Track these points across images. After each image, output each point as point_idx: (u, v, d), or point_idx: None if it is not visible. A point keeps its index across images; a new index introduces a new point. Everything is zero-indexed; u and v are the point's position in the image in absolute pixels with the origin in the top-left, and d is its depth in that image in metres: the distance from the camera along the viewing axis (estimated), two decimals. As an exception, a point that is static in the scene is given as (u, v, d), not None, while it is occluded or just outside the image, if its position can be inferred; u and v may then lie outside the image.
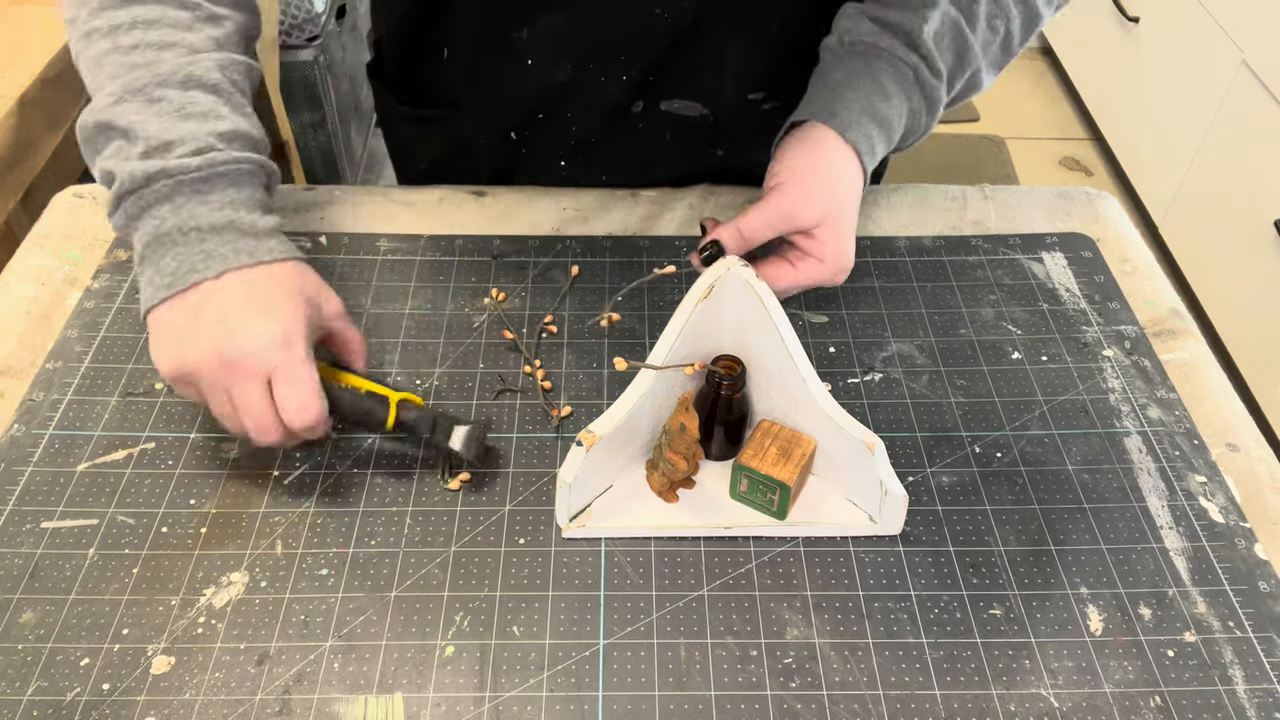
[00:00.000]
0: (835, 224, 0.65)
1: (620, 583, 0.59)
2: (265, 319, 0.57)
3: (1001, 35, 0.73)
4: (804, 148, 0.67)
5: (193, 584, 0.58)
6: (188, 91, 0.61)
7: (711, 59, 0.77)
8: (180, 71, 0.61)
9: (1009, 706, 0.54)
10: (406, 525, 0.61)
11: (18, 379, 0.69)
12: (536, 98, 0.80)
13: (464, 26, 0.79)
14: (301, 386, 0.57)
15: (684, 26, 0.74)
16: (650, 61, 0.77)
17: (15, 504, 0.62)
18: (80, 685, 0.54)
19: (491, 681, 0.54)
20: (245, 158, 0.62)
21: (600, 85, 0.78)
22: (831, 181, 0.66)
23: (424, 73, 0.85)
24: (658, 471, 0.63)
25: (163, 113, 0.60)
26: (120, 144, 0.60)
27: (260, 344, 0.57)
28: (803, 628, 0.57)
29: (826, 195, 0.65)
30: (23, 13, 1.10)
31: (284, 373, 0.57)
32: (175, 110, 0.60)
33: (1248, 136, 1.83)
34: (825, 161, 0.66)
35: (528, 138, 0.83)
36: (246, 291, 0.58)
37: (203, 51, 0.63)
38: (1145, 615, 0.58)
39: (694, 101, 0.80)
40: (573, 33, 0.75)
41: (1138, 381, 0.71)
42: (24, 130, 1.00)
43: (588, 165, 0.85)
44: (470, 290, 0.76)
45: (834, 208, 0.65)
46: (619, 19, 0.74)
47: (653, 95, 0.80)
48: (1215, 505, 0.63)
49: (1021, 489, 0.64)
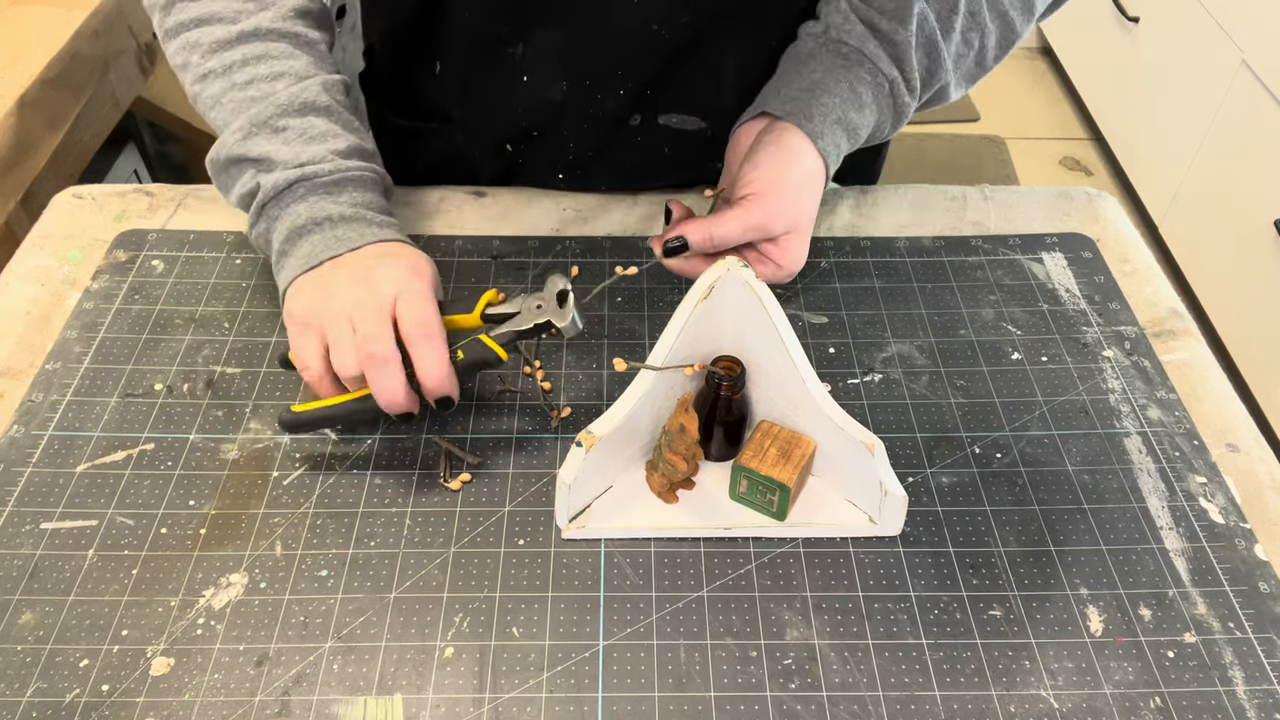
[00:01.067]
0: (799, 232, 0.69)
1: (620, 583, 0.59)
2: (396, 261, 0.63)
3: (975, 50, 0.74)
4: (779, 155, 0.68)
5: (192, 585, 0.58)
6: (305, 118, 0.67)
7: (710, 73, 0.77)
8: (295, 100, 0.67)
9: (1009, 707, 0.54)
10: (406, 526, 0.61)
11: (17, 380, 0.69)
12: (532, 113, 0.80)
13: (457, 40, 0.78)
14: (423, 305, 0.60)
15: (682, 42, 0.74)
16: (648, 77, 0.77)
17: (14, 505, 0.61)
18: (79, 686, 0.53)
19: (491, 683, 0.54)
20: (367, 167, 0.68)
21: (597, 101, 0.78)
22: (800, 191, 0.68)
23: (416, 85, 0.84)
24: (657, 472, 0.63)
25: (289, 140, 0.67)
26: (255, 170, 0.67)
27: (392, 273, 0.62)
28: (802, 628, 0.57)
29: (795, 206, 0.68)
30: (23, 13, 1.10)
31: (409, 295, 0.61)
32: (299, 136, 0.67)
33: (1248, 136, 1.83)
34: (796, 170, 0.68)
35: (524, 150, 0.83)
36: (379, 252, 0.64)
37: (308, 77, 0.69)
38: (1145, 616, 0.58)
39: (692, 115, 0.80)
40: (569, 49, 0.75)
41: (1138, 382, 0.71)
42: (24, 130, 1.00)
43: (586, 177, 0.84)
44: (470, 291, 0.76)
45: (801, 217, 0.69)
46: (616, 35, 0.74)
47: (650, 109, 0.79)
48: (1215, 506, 0.63)
49: (1021, 490, 0.64)
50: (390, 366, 0.59)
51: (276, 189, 0.65)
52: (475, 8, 0.75)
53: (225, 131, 0.67)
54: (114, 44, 1.16)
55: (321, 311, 0.61)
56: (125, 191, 0.84)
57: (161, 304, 0.74)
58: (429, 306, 0.61)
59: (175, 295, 0.75)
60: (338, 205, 0.65)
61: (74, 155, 1.09)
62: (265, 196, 0.66)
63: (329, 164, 0.66)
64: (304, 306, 0.62)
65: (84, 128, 1.10)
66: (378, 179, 0.70)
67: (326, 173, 0.66)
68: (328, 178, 0.66)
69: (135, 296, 0.75)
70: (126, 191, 0.84)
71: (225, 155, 0.67)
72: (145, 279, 0.76)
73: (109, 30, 1.14)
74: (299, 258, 0.64)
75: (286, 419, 0.62)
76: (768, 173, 0.68)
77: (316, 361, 0.61)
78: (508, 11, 0.74)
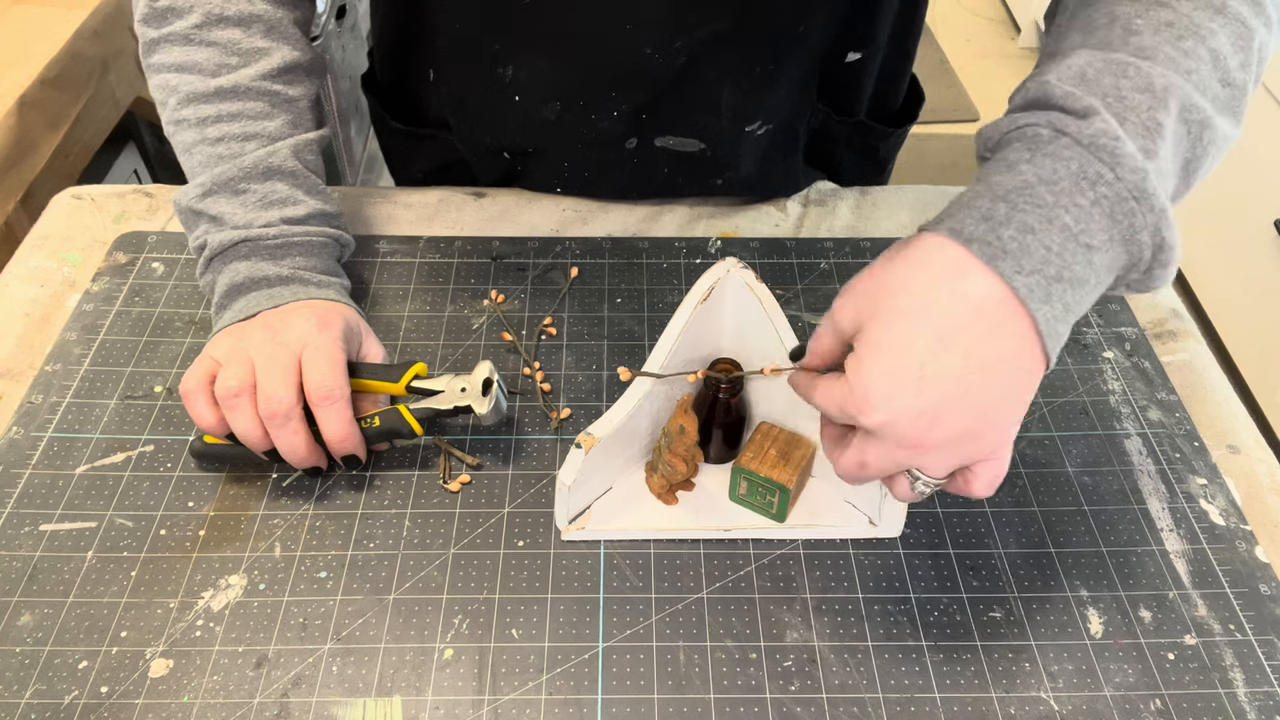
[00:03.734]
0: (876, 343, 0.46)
1: (619, 585, 0.59)
2: (309, 314, 0.64)
3: None
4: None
5: (191, 586, 0.58)
6: (268, 182, 0.68)
7: (707, 96, 0.76)
8: (261, 165, 0.68)
9: (1009, 709, 0.54)
10: (405, 527, 0.61)
11: (16, 381, 0.69)
12: (526, 130, 0.80)
13: (449, 53, 0.78)
14: (324, 364, 0.60)
15: (677, 67, 0.73)
16: (643, 100, 0.76)
17: (14, 506, 0.61)
18: (78, 688, 0.53)
19: (490, 684, 0.54)
20: (318, 232, 0.69)
21: (591, 122, 0.77)
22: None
23: (414, 92, 0.85)
24: (657, 474, 0.62)
25: (247, 203, 0.67)
26: (209, 225, 0.68)
27: (301, 327, 0.62)
28: (802, 630, 0.57)
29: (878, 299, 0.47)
30: (23, 13, 1.10)
31: (312, 351, 0.61)
32: (258, 200, 0.67)
33: (1248, 136, 1.82)
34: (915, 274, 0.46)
35: (522, 161, 0.83)
36: (295, 307, 0.65)
37: (280, 139, 0.69)
38: (1145, 618, 0.58)
39: (690, 138, 0.79)
40: (560, 73, 0.75)
41: (1138, 383, 0.71)
42: (24, 130, 1.00)
43: (585, 190, 0.84)
44: (470, 292, 0.76)
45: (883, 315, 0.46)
46: (608, 61, 0.74)
47: (647, 132, 0.79)
48: (1216, 507, 0.63)
49: (1021, 491, 0.64)
50: (291, 425, 0.59)
51: (222, 246, 0.66)
52: (465, 22, 0.75)
53: (190, 182, 0.68)
54: (114, 44, 1.16)
55: (236, 345, 0.62)
56: (125, 192, 0.84)
57: (161, 306, 0.74)
58: (329, 366, 0.60)
59: (175, 298, 0.75)
60: (278, 268, 0.66)
61: (74, 155, 1.09)
62: (212, 252, 0.67)
63: (275, 229, 0.67)
64: (219, 352, 0.62)
65: (84, 128, 1.10)
66: (328, 242, 0.70)
67: (271, 237, 0.66)
68: (272, 242, 0.66)
69: (135, 298, 0.75)
70: (126, 192, 0.84)
71: (185, 206, 0.68)
72: (145, 281, 0.76)
73: (109, 30, 1.14)
74: (234, 312, 0.65)
75: (196, 448, 0.63)
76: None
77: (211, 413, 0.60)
78: (498, 30, 0.74)
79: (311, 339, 0.62)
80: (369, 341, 0.67)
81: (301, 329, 0.62)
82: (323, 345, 0.61)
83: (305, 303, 0.65)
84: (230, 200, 0.67)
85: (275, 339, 0.61)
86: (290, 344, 0.61)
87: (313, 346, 0.61)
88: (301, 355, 0.61)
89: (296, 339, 0.61)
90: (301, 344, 0.61)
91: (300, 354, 0.61)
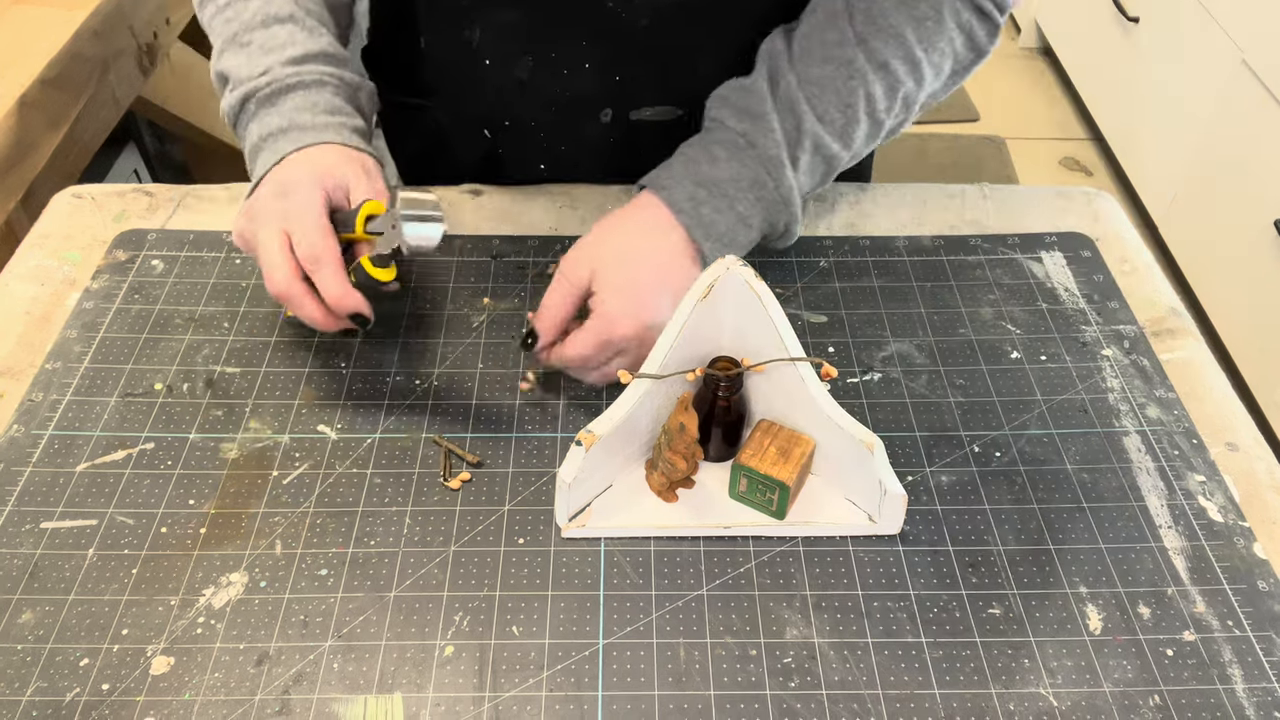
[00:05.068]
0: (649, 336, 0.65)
1: (620, 582, 0.59)
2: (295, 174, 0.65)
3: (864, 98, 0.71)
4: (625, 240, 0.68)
5: (192, 584, 0.58)
6: (268, 29, 0.70)
7: (683, 67, 0.77)
8: (259, 14, 0.71)
9: (1008, 706, 0.54)
10: (406, 525, 0.61)
11: (17, 379, 0.69)
12: (500, 97, 0.80)
13: (427, 18, 0.79)
14: (309, 231, 0.62)
15: (643, 26, 0.74)
16: (614, 53, 0.76)
17: (14, 504, 0.62)
18: (80, 685, 0.54)
19: (491, 681, 0.54)
20: (314, 70, 0.70)
21: (565, 79, 0.77)
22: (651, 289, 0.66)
23: (404, 61, 0.85)
24: (657, 471, 0.63)
25: (251, 54, 0.70)
26: (223, 87, 0.71)
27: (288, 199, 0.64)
28: (802, 627, 0.57)
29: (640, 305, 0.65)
30: (23, 13, 1.10)
31: (295, 220, 0.62)
32: (259, 48, 0.70)
33: (1248, 136, 1.83)
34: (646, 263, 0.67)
35: (502, 139, 0.83)
36: (278, 174, 0.66)
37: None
38: (1144, 614, 0.58)
39: (669, 104, 0.80)
40: (523, 28, 0.75)
41: (1137, 381, 0.71)
42: (24, 130, 1.00)
43: (570, 171, 0.84)
44: (469, 290, 0.76)
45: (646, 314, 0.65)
46: (572, 14, 0.74)
47: (622, 103, 0.79)
48: (1214, 504, 0.63)
49: (1020, 488, 0.64)
50: (297, 297, 0.62)
51: (232, 111, 0.69)
52: None
53: (213, 52, 0.72)
54: (114, 44, 1.16)
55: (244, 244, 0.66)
56: (125, 191, 0.84)
57: (161, 304, 0.74)
58: (306, 230, 0.62)
59: (175, 295, 0.75)
60: (279, 117, 0.68)
61: (74, 155, 1.09)
62: (231, 119, 0.70)
63: (267, 76, 0.68)
64: (235, 235, 0.67)
65: (84, 128, 1.10)
66: (328, 80, 0.70)
67: (265, 85, 0.68)
68: (266, 90, 0.68)
69: (135, 296, 0.75)
70: (126, 191, 0.84)
71: (211, 72, 0.72)
72: (145, 279, 0.76)
73: (109, 30, 1.15)
74: (254, 177, 0.68)
75: None
76: (612, 276, 0.66)
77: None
78: None
79: (293, 205, 0.63)
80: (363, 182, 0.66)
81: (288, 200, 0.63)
82: (297, 210, 0.63)
83: (293, 156, 0.66)
84: (236, 54, 0.70)
85: (267, 210, 0.63)
86: (280, 216, 0.63)
87: (294, 214, 0.63)
88: (289, 226, 0.62)
89: (282, 209, 0.63)
90: (285, 215, 0.63)
91: (288, 225, 0.63)
